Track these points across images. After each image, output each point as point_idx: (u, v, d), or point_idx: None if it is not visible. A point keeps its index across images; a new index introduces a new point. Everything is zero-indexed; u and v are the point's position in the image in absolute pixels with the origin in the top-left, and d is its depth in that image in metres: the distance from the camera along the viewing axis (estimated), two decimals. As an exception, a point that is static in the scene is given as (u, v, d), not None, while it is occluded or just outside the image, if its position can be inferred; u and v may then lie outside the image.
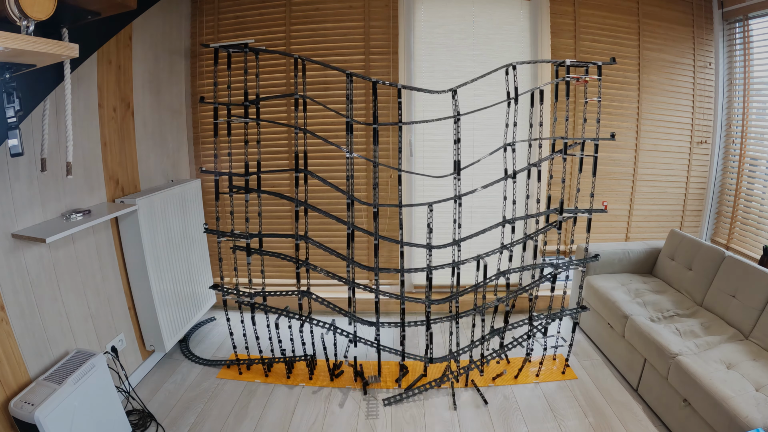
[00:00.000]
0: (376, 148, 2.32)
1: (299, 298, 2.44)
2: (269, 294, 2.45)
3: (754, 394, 1.75)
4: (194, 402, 2.36)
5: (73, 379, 1.77)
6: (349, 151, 2.29)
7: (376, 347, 2.46)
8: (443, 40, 3.04)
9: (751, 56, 2.99)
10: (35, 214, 1.84)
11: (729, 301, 2.32)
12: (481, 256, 2.36)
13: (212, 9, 3.05)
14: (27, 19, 1.25)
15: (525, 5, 3.02)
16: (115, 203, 2.28)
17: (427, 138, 3.14)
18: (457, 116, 2.24)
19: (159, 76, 2.78)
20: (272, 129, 3.13)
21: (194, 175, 3.21)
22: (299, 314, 2.46)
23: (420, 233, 3.25)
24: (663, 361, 2.09)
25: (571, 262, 2.52)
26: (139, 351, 2.56)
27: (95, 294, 2.20)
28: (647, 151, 3.26)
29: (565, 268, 2.47)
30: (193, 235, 2.94)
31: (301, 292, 2.44)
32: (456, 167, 2.29)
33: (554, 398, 2.37)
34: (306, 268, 2.48)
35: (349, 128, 2.30)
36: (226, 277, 3.34)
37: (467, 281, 3.15)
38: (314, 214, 3.22)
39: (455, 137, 2.26)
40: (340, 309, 2.45)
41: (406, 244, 2.39)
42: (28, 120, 1.75)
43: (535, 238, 2.51)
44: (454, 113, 2.25)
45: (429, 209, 2.31)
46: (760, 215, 2.99)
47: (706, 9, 3.15)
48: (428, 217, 2.30)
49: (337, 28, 3.03)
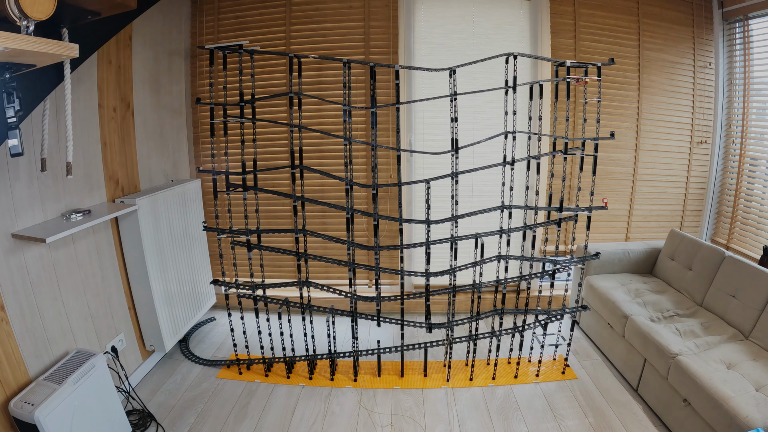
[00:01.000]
0: (374, 132, 2.34)
1: (300, 288, 2.45)
2: (269, 286, 2.46)
3: (754, 394, 1.75)
4: (194, 402, 2.36)
5: (73, 379, 1.77)
6: (347, 138, 2.30)
7: (377, 320, 2.44)
8: (443, 40, 3.04)
9: (751, 56, 2.99)
10: (35, 214, 1.84)
11: (729, 301, 2.32)
12: (479, 235, 2.39)
13: (212, 9, 3.05)
14: (27, 19, 1.25)
15: (525, 5, 3.02)
16: (115, 203, 2.28)
17: (427, 138, 3.14)
18: (454, 95, 2.25)
19: (159, 76, 2.78)
20: (272, 128, 3.13)
21: (194, 174, 3.21)
22: (300, 303, 2.46)
23: (420, 213, 3.26)
24: (663, 361, 2.09)
25: (572, 260, 2.53)
26: (139, 351, 2.56)
27: (95, 294, 2.20)
28: (647, 151, 3.26)
29: (566, 266, 2.47)
30: (194, 234, 2.94)
31: (301, 282, 2.45)
32: (453, 145, 2.31)
33: (554, 398, 2.37)
34: (305, 258, 2.49)
35: (348, 115, 2.32)
36: (226, 276, 3.34)
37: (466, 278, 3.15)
38: (313, 211, 3.23)
39: (452, 116, 2.28)
40: (340, 292, 2.44)
41: (405, 221, 2.43)
42: (28, 120, 1.75)
43: (534, 230, 2.52)
44: (451, 92, 2.27)
45: (427, 186, 2.34)
46: (760, 215, 2.99)
47: (706, 9, 3.15)
48: (426, 193, 2.33)
49: (337, 28, 3.03)
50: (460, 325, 2.50)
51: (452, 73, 2.28)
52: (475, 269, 2.44)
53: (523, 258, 2.45)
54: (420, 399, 2.39)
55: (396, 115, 2.32)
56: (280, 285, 2.48)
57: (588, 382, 2.50)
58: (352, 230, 2.48)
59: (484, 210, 2.43)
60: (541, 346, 2.64)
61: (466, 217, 2.42)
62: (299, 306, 2.46)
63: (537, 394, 2.40)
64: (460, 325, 2.49)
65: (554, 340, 2.80)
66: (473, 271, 2.46)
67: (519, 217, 3.17)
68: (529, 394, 2.40)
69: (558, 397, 2.37)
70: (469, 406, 2.32)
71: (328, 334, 2.49)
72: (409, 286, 3.40)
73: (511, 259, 2.44)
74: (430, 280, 2.42)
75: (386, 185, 2.46)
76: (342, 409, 2.31)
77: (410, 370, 2.64)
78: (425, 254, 2.40)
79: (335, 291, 2.43)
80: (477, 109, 3.09)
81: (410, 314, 3.35)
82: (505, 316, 3.06)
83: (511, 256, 2.44)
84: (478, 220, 3.19)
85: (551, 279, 2.49)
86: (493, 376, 2.55)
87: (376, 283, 2.46)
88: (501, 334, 2.49)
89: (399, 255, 3.23)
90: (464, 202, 3.17)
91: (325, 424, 2.20)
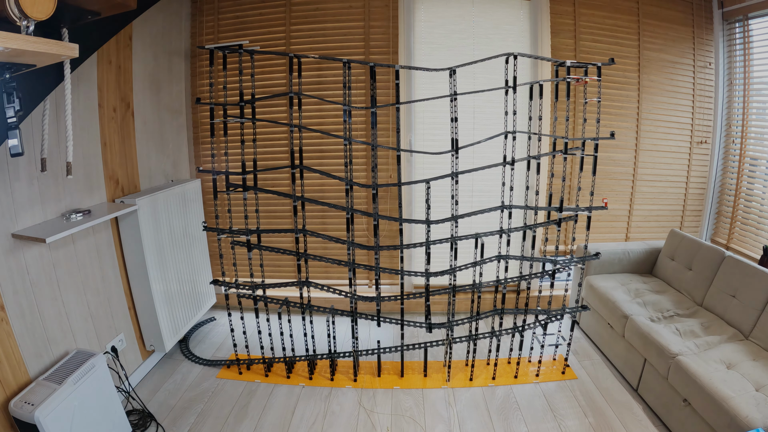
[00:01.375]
0: (374, 131, 2.34)
1: (300, 288, 2.45)
2: (269, 286, 2.46)
3: (754, 394, 1.75)
4: (194, 402, 2.36)
5: (73, 379, 1.77)
6: (347, 138, 2.31)
7: (377, 320, 2.44)
8: (443, 40, 3.04)
9: (751, 56, 2.99)
10: (35, 214, 1.84)
11: (729, 301, 2.32)
12: (479, 235, 2.39)
13: (212, 9, 3.05)
14: (27, 19, 1.25)
15: (525, 5, 3.02)
16: (115, 203, 2.28)
17: (427, 138, 3.14)
18: (454, 95, 2.25)
19: (159, 76, 2.78)
20: (271, 128, 3.13)
21: (194, 174, 3.21)
22: (300, 303, 2.46)
23: (420, 213, 3.26)
24: (663, 361, 2.09)
25: (572, 260, 2.53)
26: (139, 351, 2.56)
27: (95, 294, 2.20)
28: (647, 151, 3.26)
29: (566, 266, 2.47)
30: (194, 234, 2.94)
31: (301, 282, 2.45)
32: (453, 145, 2.31)
33: (554, 398, 2.37)
34: (305, 258, 2.49)
35: (348, 115, 2.32)
36: (226, 276, 3.34)
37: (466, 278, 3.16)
38: (313, 211, 3.23)
39: (452, 116, 2.28)
40: (340, 292, 2.44)
41: (405, 221, 2.43)
42: (28, 120, 1.75)
43: (534, 230, 2.52)
44: (451, 92, 2.27)
45: (427, 186, 2.35)
46: (760, 215, 2.99)
47: (706, 9, 3.15)
48: (426, 193, 2.33)
49: (337, 28, 3.03)
50: (460, 325, 2.50)
51: (452, 73, 2.28)
52: (475, 269, 2.44)
53: (523, 258, 2.45)
54: (420, 399, 2.39)
55: (396, 115, 2.32)
56: (280, 285, 2.48)
57: (588, 382, 2.50)
58: (352, 230, 2.48)
59: (484, 210, 2.43)
60: (541, 346, 2.64)
61: (465, 217, 2.42)
62: (299, 306, 2.46)
63: (537, 394, 2.40)
64: (460, 325, 2.49)
65: (554, 340, 2.80)
66: (473, 271, 2.46)
67: (519, 217, 3.17)
68: (529, 394, 2.40)
69: (558, 397, 2.37)
70: (469, 406, 2.32)
71: (328, 334, 2.49)
72: (409, 286, 3.40)
73: (510, 259, 2.44)
74: (430, 280, 2.42)
75: (386, 185, 2.47)
76: (342, 409, 2.31)
77: (410, 370, 2.64)
78: (425, 254, 2.40)
79: (335, 291, 2.43)
80: (477, 109, 3.09)
81: (410, 314, 3.35)
82: (505, 316, 3.06)
83: (511, 256, 2.44)
84: (478, 220, 3.19)
85: (551, 279, 2.49)
86: (493, 376, 2.55)
87: (376, 283, 2.47)
88: (501, 334, 2.49)
89: (399, 255, 3.23)
90: (464, 202, 3.17)
91: (325, 424, 2.20)
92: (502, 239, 2.54)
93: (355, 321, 2.49)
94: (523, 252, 2.76)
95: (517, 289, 3.19)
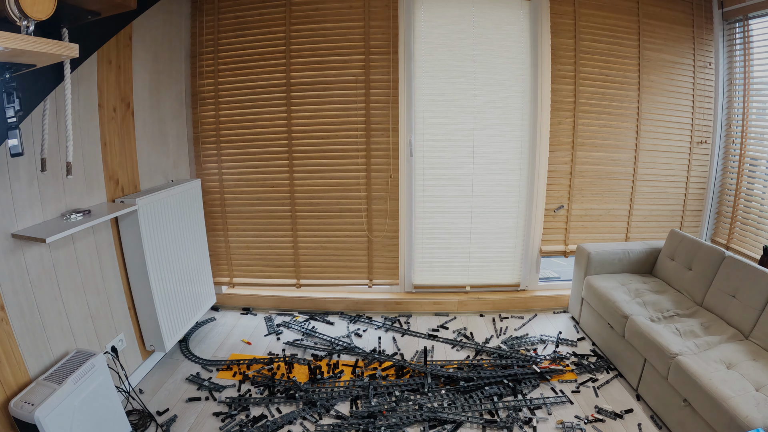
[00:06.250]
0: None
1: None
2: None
3: (754, 394, 1.75)
4: (194, 402, 2.35)
5: (73, 379, 1.77)
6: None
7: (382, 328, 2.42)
8: (443, 40, 3.04)
9: (751, 56, 2.99)
10: (35, 214, 1.84)
11: (729, 301, 2.32)
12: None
13: (212, 9, 3.05)
14: (27, 19, 1.26)
15: (525, 5, 3.02)
16: (115, 203, 2.28)
17: (427, 138, 3.14)
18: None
19: (159, 76, 2.78)
20: (271, 128, 3.13)
21: (194, 174, 3.21)
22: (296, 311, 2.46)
23: (419, 212, 3.25)
24: (663, 361, 2.09)
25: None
26: (139, 351, 2.56)
27: (95, 294, 2.20)
28: (647, 151, 3.26)
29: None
30: (193, 234, 2.93)
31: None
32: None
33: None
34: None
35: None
36: (225, 277, 3.35)
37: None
38: (312, 211, 3.23)
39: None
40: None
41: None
42: (28, 120, 1.75)
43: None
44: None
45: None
46: (760, 215, 2.99)
47: (706, 9, 3.15)
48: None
49: (337, 28, 3.03)
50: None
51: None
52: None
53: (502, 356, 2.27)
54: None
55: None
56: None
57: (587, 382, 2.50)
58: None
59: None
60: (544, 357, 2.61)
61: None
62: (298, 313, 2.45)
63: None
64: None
65: (553, 348, 2.79)
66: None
67: (518, 215, 3.17)
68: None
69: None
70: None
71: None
72: (409, 286, 3.40)
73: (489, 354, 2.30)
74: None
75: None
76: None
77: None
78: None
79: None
80: (477, 110, 3.09)
81: (410, 314, 3.34)
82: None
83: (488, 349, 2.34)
84: (477, 220, 3.20)
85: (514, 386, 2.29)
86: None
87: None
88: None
89: (398, 255, 3.23)
90: (464, 201, 3.17)
91: (325, 424, 2.20)
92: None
93: (354, 322, 2.47)
94: (523, 252, 2.75)
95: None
